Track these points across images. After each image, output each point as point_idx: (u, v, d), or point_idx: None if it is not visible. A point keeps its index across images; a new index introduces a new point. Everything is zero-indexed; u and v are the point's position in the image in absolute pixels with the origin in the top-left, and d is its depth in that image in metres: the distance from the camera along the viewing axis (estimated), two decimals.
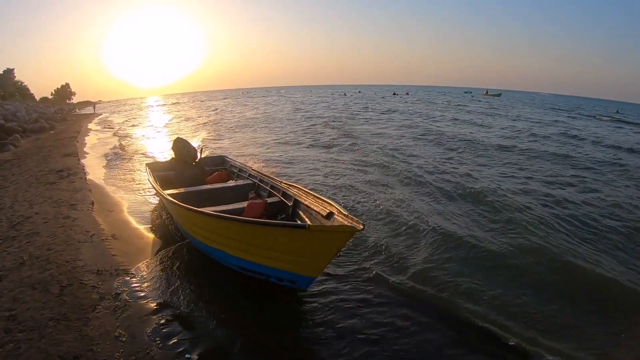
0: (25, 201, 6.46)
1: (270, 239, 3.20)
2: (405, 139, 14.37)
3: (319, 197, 4.13)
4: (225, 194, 5.86)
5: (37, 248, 4.48)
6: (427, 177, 8.13)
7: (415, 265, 4.21)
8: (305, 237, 2.94)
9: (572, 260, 4.34)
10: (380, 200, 6.45)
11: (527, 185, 7.73)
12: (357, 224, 3.01)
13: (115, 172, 9.49)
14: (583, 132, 18.26)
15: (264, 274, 3.49)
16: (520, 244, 4.74)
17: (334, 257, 3.10)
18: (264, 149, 12.66)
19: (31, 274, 3.89)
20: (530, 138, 15.05)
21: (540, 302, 3.60)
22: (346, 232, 2.90)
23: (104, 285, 3.70)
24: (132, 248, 4.65)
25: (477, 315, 3.35)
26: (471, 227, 5.37)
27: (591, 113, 37.68)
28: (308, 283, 3.34)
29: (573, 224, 5.56)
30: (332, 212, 3.62)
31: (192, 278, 3.97)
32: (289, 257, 3.17)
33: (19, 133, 16.36)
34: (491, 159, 10.61)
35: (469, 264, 4.27)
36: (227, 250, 3.70)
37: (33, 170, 9.26)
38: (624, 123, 27.31)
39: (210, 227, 3.77)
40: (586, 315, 3.47)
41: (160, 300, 3.52)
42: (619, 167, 10.00)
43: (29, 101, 50.07)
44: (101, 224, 5.36)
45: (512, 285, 3.88)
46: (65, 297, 3.46)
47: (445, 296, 3.66)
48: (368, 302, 3.57)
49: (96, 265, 4.09)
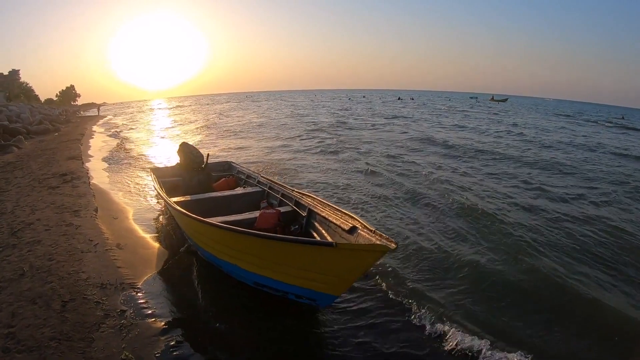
0: (27, 206, 6.26)
1: (291, 256, 2.96)
2: (402, 148, 13.71)
3: (338, 209, 3.87)
4: (235, 202, 5.65)
5: (38, 258, 4.26)
6: (430, 188, 7.85)
7: (440, 288, 3.95)
8: (331, 255, 2.69)
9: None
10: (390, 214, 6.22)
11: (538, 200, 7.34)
12: (389, 242, 2.73)
13: (119, 177, 9.28)
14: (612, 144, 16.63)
15: (282, 290, 3.26)
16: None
17: (361, 276, 2.86)
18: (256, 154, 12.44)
19: (32, 286, 3.68)
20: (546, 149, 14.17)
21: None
22: (377, 252, 2.65)
23: (108, 300, 3.47)
24: (137, 259, 4.42)
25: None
26: (496, 258, 4.76)
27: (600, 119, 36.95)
28: (329, 301, 3.10)
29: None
30: (356, 226, 3.34)
31: (203, 293, 3.76)
32: (310, 275, 2.93)
33: (23, 135, 16.24)
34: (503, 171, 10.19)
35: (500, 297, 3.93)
36: (241, 265, 3.47)
37: (36, 173, 9.08)
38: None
39: (223, 240, 3.54)
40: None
41: (169, 318, 3.29)
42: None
43: (34, 102, 50.18)
44: (105, 232, 5.14)
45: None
46: (68, 313, 3.24)
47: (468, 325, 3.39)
48: (381, 323, 3.35)
49: (100, 277, 3.87)
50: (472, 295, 3.79)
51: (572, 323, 3.43)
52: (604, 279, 4.23)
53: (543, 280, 4.10)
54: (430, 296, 3.73)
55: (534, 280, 4.10)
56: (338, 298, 3.12)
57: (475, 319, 3.40)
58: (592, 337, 3.27)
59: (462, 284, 4.00)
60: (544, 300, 3.78)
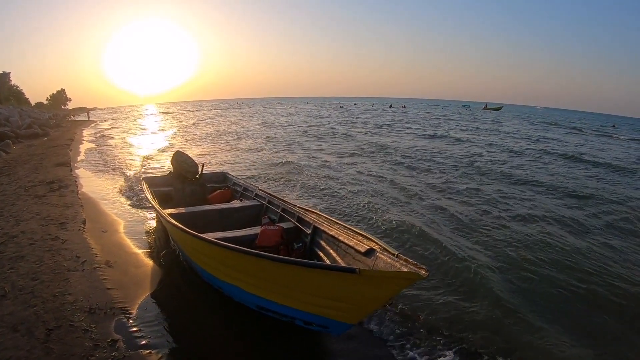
0: (11, 216, 5.91)
1: (304, 280, 2.67)
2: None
3: (349, 227, 3.58)
4: (232, 216, 5.37)
5: (21, 277, 3.93)
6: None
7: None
8: (351, 282, 2.40)
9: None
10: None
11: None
12: (418, 268, 2.43)
13: (110, 185, 8.96)
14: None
15: (289, 316, 2.95)
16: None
17: (384, 304, 2.57)
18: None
19: (13, 310, 3.36)
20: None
21: None
22: (407, 280, 2.35)
23: (97, 328, 3.15)
24: (129, 279, 4.09)
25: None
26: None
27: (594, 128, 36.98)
28: (343, 330, 2.80)
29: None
30: (373, 248, 3.05)
31: (201, 318, 3.46)
32: (324, 302, 2.64)
33: (11, 139, 15.79)
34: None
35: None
36: (243, 287, 3.18)
37: (22, 180, 8.71)
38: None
39: (224, 259, 3.24)
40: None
41: (165, 349, 2.99)
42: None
43: (24, 106, 49.38)
44: (94, 248, 4.82)
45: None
46: (52, 343, 2.92)
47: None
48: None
49: (88, 301, 3.54)
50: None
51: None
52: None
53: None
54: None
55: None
56: (353, 326, 2.84)
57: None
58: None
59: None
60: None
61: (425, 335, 3.27)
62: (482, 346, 3.17)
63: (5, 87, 59.06)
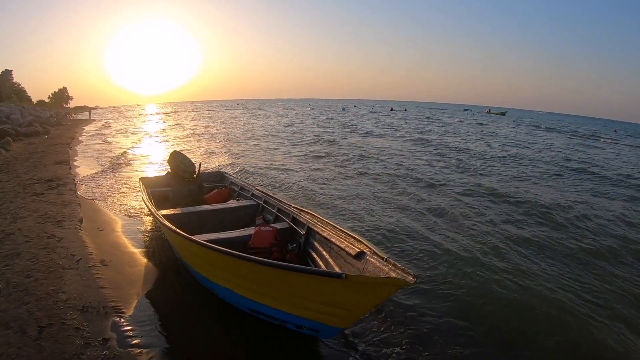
0: (8, 214, 5.94)
1: (293, 284, 2.69)
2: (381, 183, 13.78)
3: (341, 229, 3.60)
4: (227, 216, 5.39)
5: (15, 274, 3.94)
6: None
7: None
8: (339, 286, 2.43)
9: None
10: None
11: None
12: (405, 274, 2.45)
13: (108, 184, 8.94)
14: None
15: (280, 319, 2.98)
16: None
17: (372, 309, 2.60)
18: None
19: (7, 307, 3.37)
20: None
21: None
22: (394, 286, 2.37)
23: (90, 326, 3.16)
24: (123, 278, 4.10)
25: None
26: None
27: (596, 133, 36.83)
28: (333, 333, 2.84)
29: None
30: (364, 251, 3.07)
31: (195, 319, 3.45)
32: (313, 305, 2.66)
33: (12, 136, 15.84)
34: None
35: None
36: (235, 289, 3.20)
37: (21, 177, 8.74)
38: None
39: (216, 262, 3.27)
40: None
41: (157, 349, 2.98)
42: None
43: (26, 104, 49.50)
44: (89, 246, 4.83)
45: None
46: (44, 341, 2.93)
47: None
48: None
49: (81, 299, 3.55)
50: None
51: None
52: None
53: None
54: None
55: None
56: (344, 330, 2.85)
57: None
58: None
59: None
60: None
61: (414, 341, 3.26)
62: (473, 353, 3.17)
63: (7, 84, 59.22)
